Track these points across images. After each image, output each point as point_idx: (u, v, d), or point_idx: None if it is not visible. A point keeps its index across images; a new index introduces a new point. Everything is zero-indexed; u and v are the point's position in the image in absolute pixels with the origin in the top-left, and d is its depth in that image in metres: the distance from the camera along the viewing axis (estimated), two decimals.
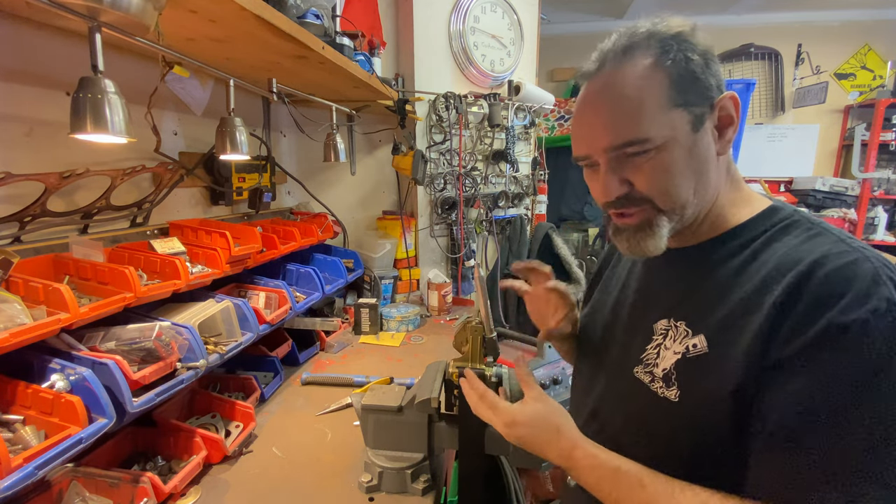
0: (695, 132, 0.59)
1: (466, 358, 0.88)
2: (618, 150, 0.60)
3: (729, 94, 0.60)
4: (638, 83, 0.58)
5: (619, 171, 0.61)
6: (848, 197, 3.68)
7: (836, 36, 3.90)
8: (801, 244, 0.57)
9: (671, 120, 0.58)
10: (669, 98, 0.58)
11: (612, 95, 0.60)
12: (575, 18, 4.01)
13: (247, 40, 1.03)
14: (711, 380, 0.58)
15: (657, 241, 0.63)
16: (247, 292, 1.41)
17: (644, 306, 0.72)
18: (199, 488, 0.93)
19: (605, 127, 0.60)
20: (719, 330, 0.59)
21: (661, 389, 0.63)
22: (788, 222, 0.61)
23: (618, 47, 0.60)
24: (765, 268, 0.58)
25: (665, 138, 0.58)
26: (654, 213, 0.62)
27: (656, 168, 0.59)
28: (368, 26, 2.03)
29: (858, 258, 0.53)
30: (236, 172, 1.55)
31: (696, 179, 0.61)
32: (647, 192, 0.61)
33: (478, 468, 0.88)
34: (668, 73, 0.58)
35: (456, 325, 0.90)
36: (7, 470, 0.64)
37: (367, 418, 0.93)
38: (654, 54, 0.59)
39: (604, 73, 0.61)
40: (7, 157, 0.94)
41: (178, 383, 0.94)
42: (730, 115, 0.61)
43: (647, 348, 0.67)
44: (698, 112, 0.59)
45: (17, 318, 0.74)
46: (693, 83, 0.58)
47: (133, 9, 0.67)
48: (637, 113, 0.58)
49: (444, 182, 2.28)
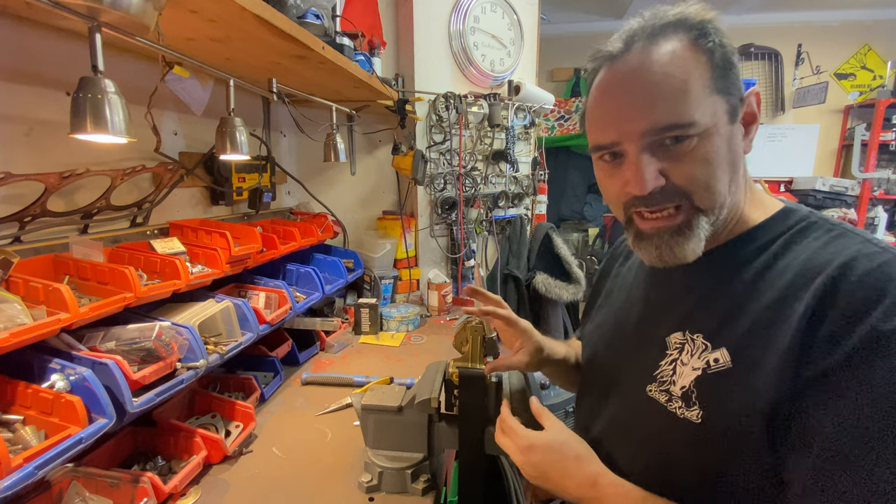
0: (731, 123, 0.55)
1: (466, 358, 0.88)
2: (658, 134, 0.53)
3: (754, 90, 0.57)
4: (681, 62, 0.53)
5: (657, 161, 0.55)
6: (848, 197, 3.68)
7: (836, 36, 3.91)
8: (824, 246, 0.53)
9: (714, 105, 0.53)
10: (711, 82, 0.53)
11: (651, 74, 0.53)
12: (575, 18, 4.01)
13: (247, 40, 1.03)
14: (739, 397, 0.52)
15: (695, 246, 0.57)
16: (247, 292, 1.41)
17: (655, 318, 0.66)
18: (199, 488, 0.93)
19: (643, 108, 0.53)
20: (743, 342, 0.54)
21: (681, 410, 0.57)
22: (806, 224, 0.57)
23: (648, 27, 0.55)
24: (788, 273, 0.53)
25: (708, 125, 0.53)
26: (693, 212, 0.56)
27: (699, 158, 0.53)
28: (368, 26, 2.03)
29: (890, 259, 0.49)
30: (236, 172, 1.55)
31: (731, 175, 0.56)
32: (685, 185, 0.54)
33: (478, 468, 0.88)
34: (710, 55, 0.53)
35: (456, 325, 0.90)
36: (7, 470, 0.64)
37: (367, 418, 0.93)
38: (692, 36, 0.54)
39: (634, 52, 0.55)
40: (7, 157, 0.94)
41: (178, 383, 0.93)
42: (753, 111, 0.58)
43: (661, 364, 0.61)
44: (734, 102, 0.55)
45: (17, 318, 0.74)
46: (730, 71, 0.54)
47: (133, 9, 0.67)
48: (683, 93, 0.52)
49: (444, 182, 2.28)
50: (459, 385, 0.86)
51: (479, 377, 0.85)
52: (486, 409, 0.87)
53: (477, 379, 0.85)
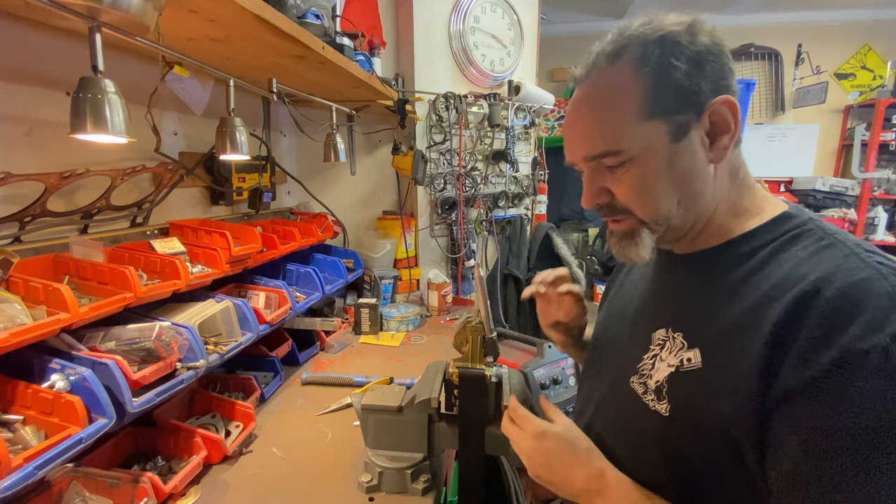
0: (675, 142, 0.56)
1: (466, 358, 0.88)
2: (594, 160, 0.60)
3: (723, 99, 0.55)
4: (614, 94, 0.58)
5: (599, 181, 0.62)
6: (848, 197, 3.68)
7: (836, 36, 3.90)
8: (808, 257, 0.53)
9: (646, 131, 0.56)
10: (645, 108, 0.56)
11: (590, 106, 0.60)
12: (575, 18, 4.01)
13: (247, 40, 1.03)
14: (703, 397, 0.54)
15: (640, 250, 0.62)
16: (247, 292, 1.41)
17: (647, 314, 0.69)
18: (199, 488, 0.93)
19: (583, 137, 0.61)
20: (715, 345, 0.56)
21: (653, 402, 0.60)
22: (799, 231, 0.57)
23: (604, 52, 0.59)
24: (767, 282, 0.54)
25: (639, 149, 0.57)
26: (636, 223, 0.61)
27: (632, 179, 0.59)
28: (368, 26, 2.03)
29: (871, 276, 0.47)
30: (236, 172, 1.55)
31: (679, 191, 0.58)
32: (625, 203, 0.61)
33: (478, 468, 0.88)
34: (645, 81, 0.56)
35: (456, 325, 0.90)
36: (7, 470, 0.64)
37: (367, 418, 0.93)
38: (634, 61, 0.56)
39: (589, 80, 0.61)
40: (7, 157, 0.94)
41: (178, 383, 0.94)
42: (725, 120, 0.56)
43: (644, 358, 0.65)
44: (681, 121, 0.56)
45: (17, 318, 0.74)
46: (674, 91, 0.55)
47: (133, 9, 0.67)
48: (610, 125, 0.58)
49: (444, 182, 2.28)
50: (459, 385, 0.86)
51: (479, 377, 0.85)
52: (486, 409, 0.87)
53: (477, 379, 0.85)
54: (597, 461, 0.64)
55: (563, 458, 0.65)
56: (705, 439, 0.54)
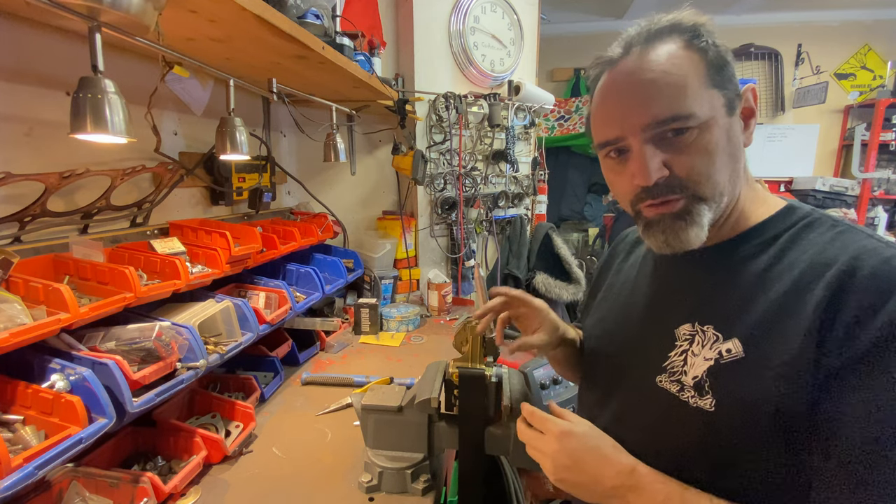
0: (729, 115, 0.58)
1: (466, 358, 0.88)
2: (660, 127, 0.56)
3: (750, 86, 0.60)
4: (676, 60, 0.56)
5: (660, 152, 0.57)
6: (848, 197, 3.68)
7: (836, 36, 3.90)
8: (831, 241, 0.55)
9: (711, 98, 0.56)
10: (708, 76, 0.56)
11: (649, 72, 0.57)
12: (575, 18, 4.01)
13: (247, 40, 1.03)
14: (752, 386, 0.54)
15: (699, 231, 0.59)
16: (247, 292, 1.41)
17: (661, 311, 0.68)
18: (199, 488, 0.93)
19: (644, 103, 0.57)
20: (755, 333, 0.55)
21: (694, 399, 0.58)
22: (810, 220, 0.60)
23: (644, 32, 0.59)
24: (797, 267, 0.55)
25: (707, 116, 0.56)
26: (694, 200, 0.58)
27: (699, 149, 0.56)
28: (368, 26, 2.03)
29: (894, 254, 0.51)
30: (236, 172, 1.55)
31: (731, 166, 0.58)
32: (687, 175, 0.57)
33: (478, 468, 0.88)
34: (703, 54, 0.57)
35: (456, 325, 0.90)
36: (7, 470, 0.64)
37: (367, 418, 0.93)
38: (684, 38, 0.58)
39: (632, 55, 0.59)
40: (7, 157, 0.94)
41: (178, 383, 0.94)
42: (751, 106, 0.61)
43: (671, 355, 0.63)
44: (730, 96, 0.58)
45: (17, 318, 0.74)
46: (724, 67, 0.58)
47: (133, 9, 0.67)
48: (681, 87, 0.55)
49: (444, 182, 2.28)
50: (459, 385, 0.86)
51: (479, 377, 0.85)
52: (486, 409, 0.87)
53: (477, 379, 0.85)
54: (626, 458, 0.62)
55: (591, 455, 0.62)
56: (755, 428, 0.53)
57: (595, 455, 0.62)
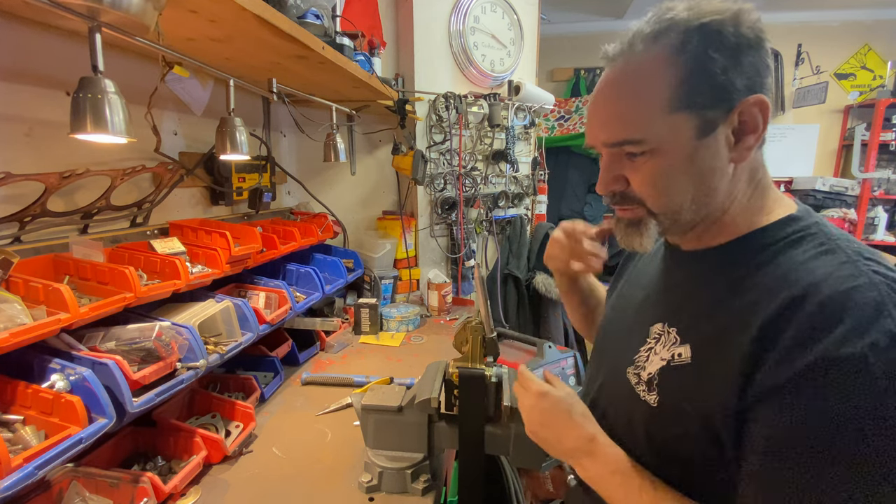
0: (699, 138, 0.55)
1: (466, 358, 0.88)
2: (614, 146, 0.59)
3: (755, 99, 0.54)
4: (644, 80, 0.56)
5: (617, 168, 0.61)
6: (848, 197, 3.67)
7: (836, 36, 3.90)
8: (805, 262, 0.53)
9: (672, 124, 0.55)
10: (675, 99, 0.54)
11: (617, 91, 0.58)
12: (575, 18, 4.01)
13: (247, 40, 1.03)
14: (689, 391, 0.57)
15: (643, 241, 0.62)
16: (247, 292, 1.41)
17: (648, 308, 0.71)
18: (199, 488, 0.93)
19: (605, 122, 0.60)
20: (706, 342, 0.57)
21: (643, 393, 0.63)
22: (802, 235, 0.57)
23: (641, 34, 0.57)
24: (762, 284, 0.54)
25: (661, 142, 0.56)
26: (645, 213, 0.61)
27: (650, 170, 0.58)
28: (368, 26, 2.03)
29: (861, 284, 0.48)
30: (236, 172, 1.55)
31: (695, 187, 0.57)
32: (639, 192, 0.60)
33: (478, 468, 0.88)
34: (680, 70, 0.54)
35: (456, 325, 0.90)
36: (7, 470, 0.64)
37: (367, 418, 0.93)
38: (671, 47, 0.54)
39: (621, 61, 0.58)
40: (7, 157, 0.94)
41: (178, 383, 0.94)
42: (754, 120, 0.55)
43: (641, 350, 0.67)
44: (710, 116, 0.55)
45: (17, 318, 0.74)
46: (708, 84, 0.54)
47: (133, 9, 0.67)
48: (635, 113, 0.56)
49: (444, 182, 2.28)
50: (459, 385, 0.86)
51: (479, 377, 0.85)
52: (486, 409, 0.87)
53: (477, 379, 0.85)
54: (590, 426, 0.67)
55: (558, 418, 0.69)
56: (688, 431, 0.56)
57: (563, 418, 0.69)
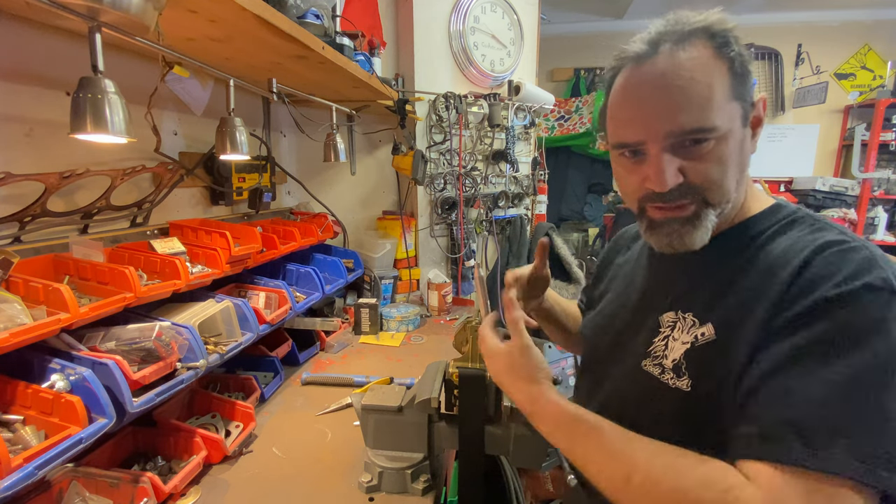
0: (744, 127, 0.61)
1: (466, 358, 0.88)
2: (681, 136, 0.58)
3: (763, 96, 0.63)
4: (706, 69, 0.57)
5: (678, 160, 0.60)
6: (848, 197, 3.67)
7: (836, 36, 3.90)
8: (805, 236, 0.59)
9: (731, 111, 0.59)
10: (732, 88, 0.58)
11: (678, 78, 0.57)
12: (575, 18, 4.01)
13: (247, 40, 1.03)
14: (720, 364, 0.58)
15: (703, 234, 0.62)
16: (247, 292, 1.41)
17: (650, 302, 0.72)
18: (199, 488, 0.93)
19: (670, 111, 0.58)
20: (726, 316, 0.60)
21: (672, 380, 0.63)
22: (793, 218, 0.63)
23: (673, 32, 0.59)
24: (770, 256, 0.59)
25: (727, 129, 0.58)
26: (703, 205, 0.61)
27: (715, 158, 0.59)
28: (368, 26, 2.03)
29: (857, 246, 0.55)
30: (236, 172, 1.55)
31: (740, 174, 0.62)
32: (701, 183, 0.60)
33: (478, 468, 0.88)
34: (730, 64, 0.58)
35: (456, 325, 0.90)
36: (7, 470, 0.64)
37: (367, 418, 0.93)
38: (715, 44, 0.58)
39: (661, 55, 0.58)
40: (7, 157, 0.94)
41: (178, 383, 0.93)
42: (760, 116, 0.64)
43: (655, 341, 0.68)
44: (747, 107, 0.61)
45: (17, 318, 0.74)
46: (746, 78, 0.59)
47: (133, 9, 0.67)
48: (708, 100, 0.57)
49: (444, 182, 2.28)
50: (459, 385, 0.86)
51: (479, 377, 0.85)
52: (486, 409, 0.87)
53: (477, 379, 0.85)
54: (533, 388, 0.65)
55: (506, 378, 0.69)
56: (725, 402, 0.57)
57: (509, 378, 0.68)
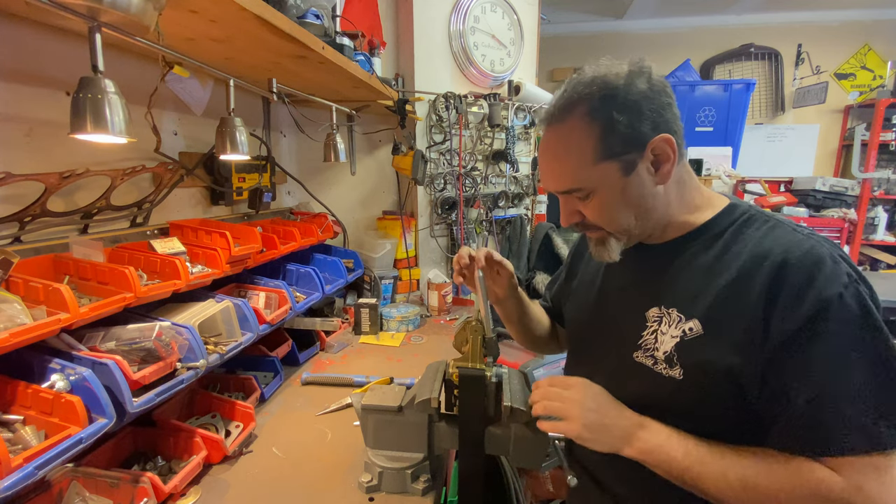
0: (626, 175, 0.70)
1: (466, 358, 0.88)
2: (563, 193, 0.75)
3: (661, 137, 0.69)
4: (571, 143, 0.70)
5: (572, 206, 0.76)
6: (848, 197, 3.67)
7: (836, 36, 3.90)
8: (764, 236, 0.69)
9: (601, 171, 0.70)
10: (598, 153, 0.69)
11: (553, 151, 0.74)
12: (575, 18, 4.01)
13: (247, 40, 1.03)
14: (710, 356, 0.67)
15: (611, 253, 0.77)
16: (247, 292, 1.41)
17: (633, 297, 0.80)
18: (199, 488, 0.93)
19: (551, 177, 0.75)
20: (711, 313, 0.68)
21: (665, 370, 0.72)
22: (747, 216, 0.73)
23: (559, 106, 0.71)
24: (739, 258, 0.69)
25: (596, 186, 0.71)
26: (605, 234, 0.76)
27: (596, 207, 0.73)
28: (368, 26, 2.03)
29: (814, 244, 0.65)
30: (236, 172, 1.55)
31: (634, 210, 0.72)
32: (594, 221, 0.75)
33: (478, 468, 0.88)
34: (596, 133, 0.68)
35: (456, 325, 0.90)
36: (7, 470, 0.64)
37: (367, 418, 0.93)
38: (584, 116, 0.69)
39: (552, 126, 0.73)
40: (7, 157, 0.94)
41: (178, 383, 0.94)
42: (665, 152, 0.70)
43: (644, 335, 0.76)
44: (628, 159, 0.69)
45: (17, 318, 0.74)
46: (619, 138, 0.68)
47: (133, 9, 0.67)
48: (571, 169, 0.72)
49: (444, 182, 2.28)
50: (459, 385, 0.86)
51: (479, 377, 0.85)
52: (486, 409, 0.87)
53: (477, 379, 0.85)
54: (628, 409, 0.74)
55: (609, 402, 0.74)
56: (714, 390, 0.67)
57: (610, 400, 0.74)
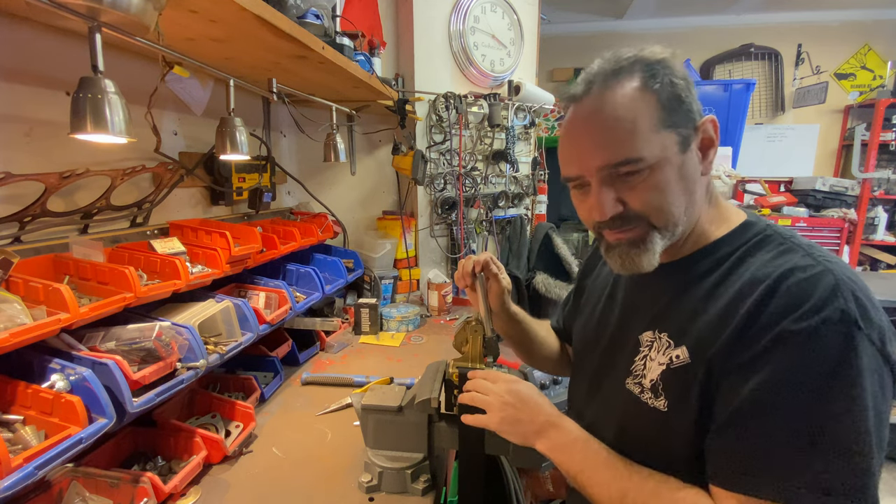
0: (683, 153, 0.62)
1: (466, 358, 0.88)
2: (612, 169, 0.61)
3: (709, 118, 0.63)
4: (629, 104, 0.60)
5: (613, 191, 0.63)
6: (848, 197, 3.67)
7: (836, 36, 3.90)
8: (772, 259, 0.60)
9: (662, 140, 0.60)
10: (660, 119, 0.60)
11: (604, 116, 0.61)
12: (575, 18, 4.01)
13: (247, 40, 1.03)
14: (694, 388, 0.60)
15: (650, 257, 0.65)
16: (247, 292, 1.41)
17: (630, 318, 0.74)
18: (199, 488, 0.93)
19: (599, 147, 0.62)
20: (699, 341, 0.61)
21: (651, 400, 0.65)
22: (761, 237, 0.64)
23: (604, 71, 0.62)
24: (739, 282, 0.60)
25: (657, 158, 0.60)
26: (648, 230, 0.64)
27: (650, 187, 0.61)
28: (368, 26, 2.03)
29: (822, 271, 0.55)
30: (236, 172, 1.55)
31: (686, 198, 0.63)
32: (641, 209, 0.63)
33: (478, 468, 0.88)
34: (657, 95, 0.60)
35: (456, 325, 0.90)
36: (7, 470, 0.64)
37: (367, 418, 0.93)
38: (641, 77, 0.61)
39: (592, 95, 0.62)
40: (7, 157, 0.94)
41: (178, 383, 0.93)
42: (710, 137, 0.64)
43: (636, 360, 0.69)
44: (685, 133, 0.62)
45: (17, 318, 0.74)
46: (679, 106, 0.61)
47: (133, 9, 0.67)
48: (631, 133, 0.60)
49: (444, 182, 2.28)
50: (459, 385, 0.86)
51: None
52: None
53: None
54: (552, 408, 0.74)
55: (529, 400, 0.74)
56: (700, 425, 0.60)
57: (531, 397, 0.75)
